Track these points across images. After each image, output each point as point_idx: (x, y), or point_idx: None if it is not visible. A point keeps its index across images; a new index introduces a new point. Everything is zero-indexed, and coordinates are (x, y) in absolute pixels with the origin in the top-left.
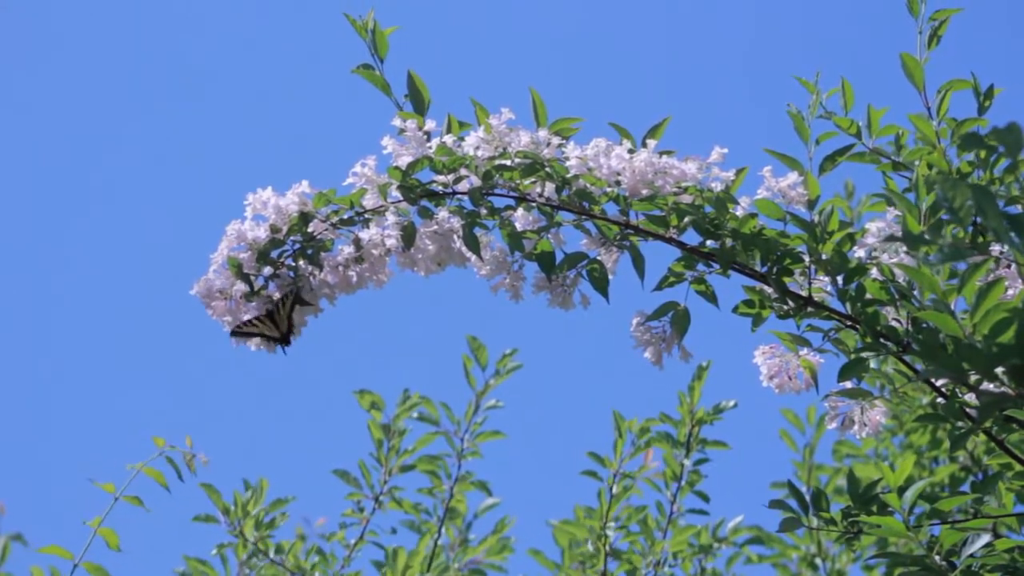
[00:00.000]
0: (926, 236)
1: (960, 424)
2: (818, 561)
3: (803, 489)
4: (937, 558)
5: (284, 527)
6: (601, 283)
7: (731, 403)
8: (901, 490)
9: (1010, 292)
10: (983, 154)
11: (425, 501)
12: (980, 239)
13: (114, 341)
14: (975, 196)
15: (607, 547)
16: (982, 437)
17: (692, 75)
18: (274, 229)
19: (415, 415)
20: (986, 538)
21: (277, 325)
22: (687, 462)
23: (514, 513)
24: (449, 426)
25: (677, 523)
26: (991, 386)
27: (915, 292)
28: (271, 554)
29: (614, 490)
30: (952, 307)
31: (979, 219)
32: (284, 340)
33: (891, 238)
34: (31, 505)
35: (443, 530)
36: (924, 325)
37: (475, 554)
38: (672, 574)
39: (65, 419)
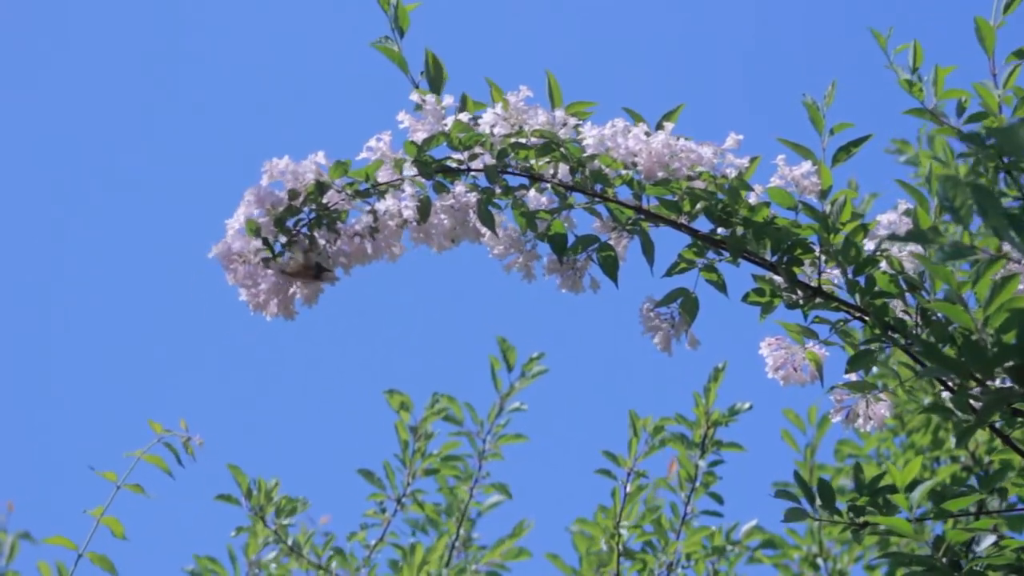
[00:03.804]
0: (931, 233)
1: (967, 418)
2: (820, 561)
3: (801, 496)
4: (944, 559)
5: (302, 517)
6: (611, 268)
7: (746, 405)
8: (908, 489)
9: (1020, 287)
10: None
11: (442, 500)
12: None
13: (135, 335)
14: (975, 195)
15: (620, 547)
16: (983, 437)
17: (706, 64)
18: (292, 195)
19: (441, 417)
20: (992, 538)
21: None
22: (702, 463)
23: (530, 515)
24: (472, 427)
25: (691, 524)
26: (997, 380)
27: (926, 284)
28: (289, 542)
29: (628, 489)
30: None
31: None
32: (319, 275)
33: (893, 237)
34: (39, 499)
35: (460, 530)
36: (934, 318)
37: (492, 556)
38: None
39: (74, 415)
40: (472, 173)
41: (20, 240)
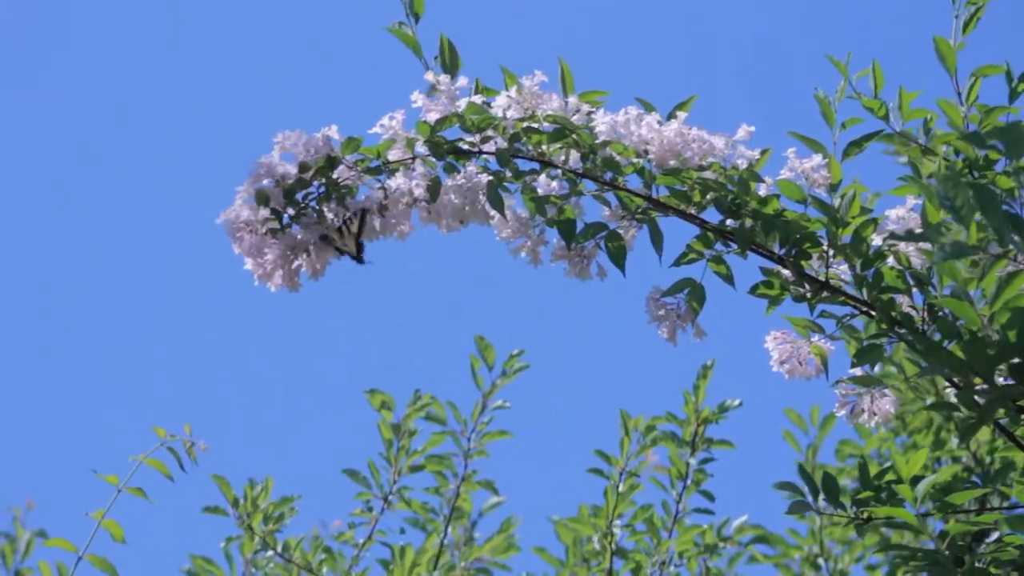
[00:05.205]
0: (935, 231)
1: (971, 415)
2: (821, 561)
3: (805, 489)
4: (947, 553)
5: (292, 523)
6: (619, 257)
7: (736, 402)
8: (913, 482)
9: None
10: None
11: (432, 500)
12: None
13: (123, 338)
14: (976, 195)
15: (613, 545)
16: (985, 437)
17: (717, 56)
18: (302, 167)
19: (423, 415)
20: (995, 534)
21: (340, 250)
22: (692, 461)
23: (520, 512)
24: (456, 426)
25: (683, 522)
26: (1001, 378)
27: (933, 280)
28: (279, 548)
29: (620, 488)
30: (971, 295)
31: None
32: (358, 258)
33: (894, 236)
34: (40, 500)
35: (449, 529)
36: (940, 313)
37: (481, 553)
38: (677, 574)
39: (72, 414)
40: (483, 156)
41: (22, 241)
